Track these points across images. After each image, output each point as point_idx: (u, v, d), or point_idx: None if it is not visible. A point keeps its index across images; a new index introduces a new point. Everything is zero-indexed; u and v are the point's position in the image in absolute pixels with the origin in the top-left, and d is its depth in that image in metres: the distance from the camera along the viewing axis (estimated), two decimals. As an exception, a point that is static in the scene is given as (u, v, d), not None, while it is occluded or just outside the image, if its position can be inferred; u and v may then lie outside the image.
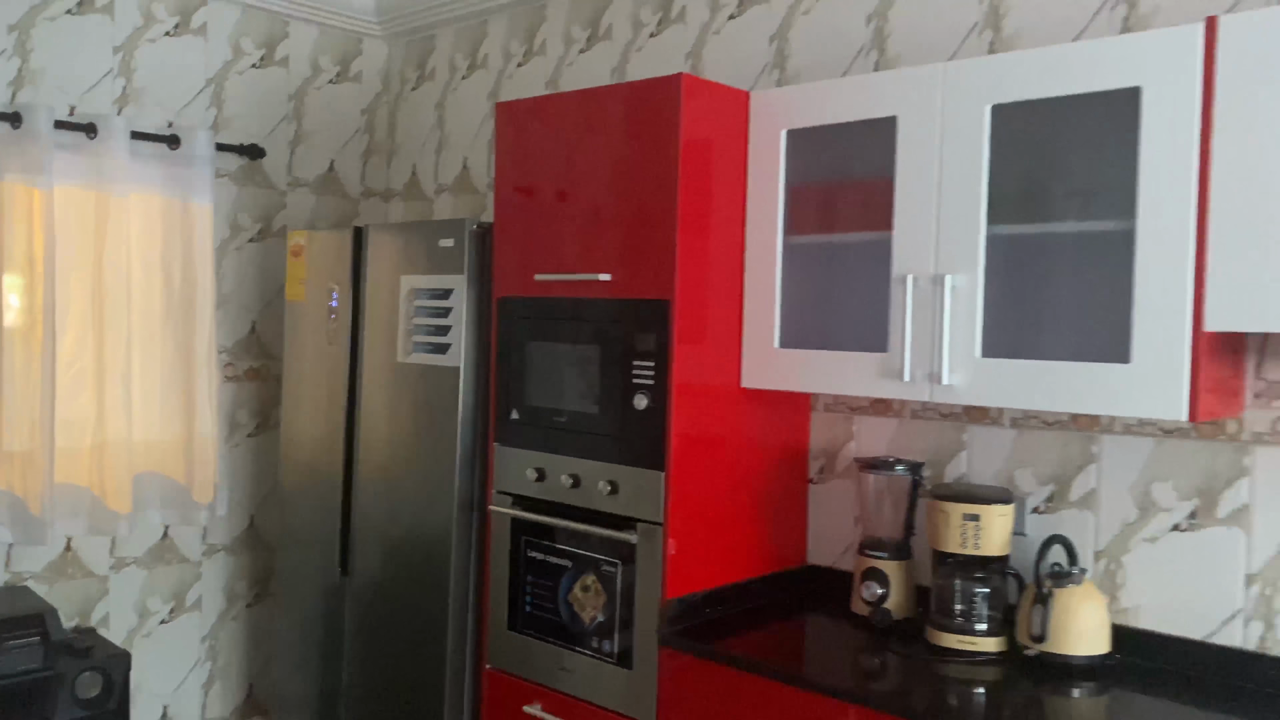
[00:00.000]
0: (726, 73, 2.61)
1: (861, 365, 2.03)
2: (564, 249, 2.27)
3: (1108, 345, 1.77)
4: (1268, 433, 1.84)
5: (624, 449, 2.15)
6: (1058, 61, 1.78)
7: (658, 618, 2.08)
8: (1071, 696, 1.78)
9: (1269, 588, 1.83)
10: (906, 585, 2.16)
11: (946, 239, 1.90)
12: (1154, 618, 1.95)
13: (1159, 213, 1.68)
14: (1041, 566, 1.96)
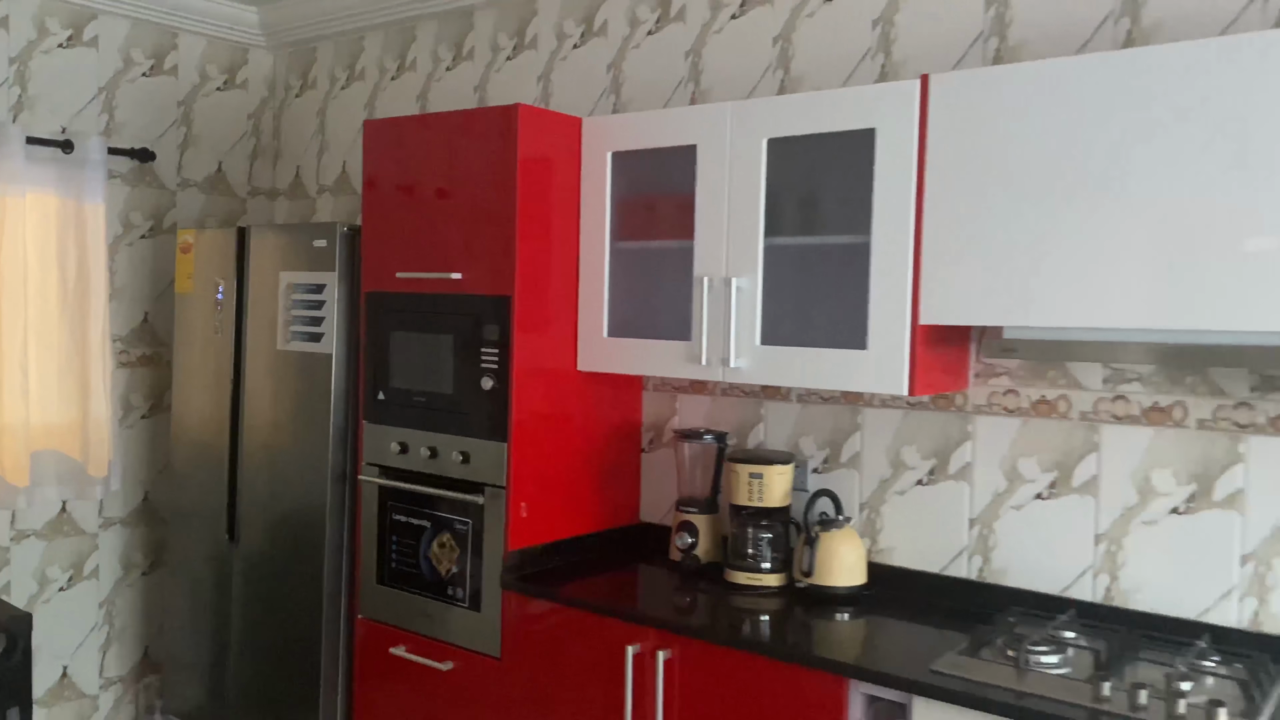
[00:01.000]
0: (571, 96, 2.97)
1: (671, 351, 2.42)
2: (422, 251, 2.61)
3: (851, 335, 2.19)
4: (985, 404, 2.29)
5: (473, 424, 2.51)
6: (817, 105, 2.19)
7: (501, 567, 2.46)
8: (834, 619, 2.21)
9: (985, 529, 2.28)
10: (713, 535, 2.57)
11: (734, 247, 2.30)
12: (903, 556, 2.40)
13: (887, 230, 2.10)
14: (810, 515, 2.39)
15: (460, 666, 2.54)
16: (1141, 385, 2.11)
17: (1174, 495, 2.07)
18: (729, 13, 2.67)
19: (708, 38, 2.71)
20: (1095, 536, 2.16)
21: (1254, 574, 1.98)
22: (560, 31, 3.01)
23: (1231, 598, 2.01)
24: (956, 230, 2.03)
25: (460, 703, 2.54)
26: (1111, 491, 2.14)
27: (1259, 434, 1.98)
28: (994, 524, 2.28)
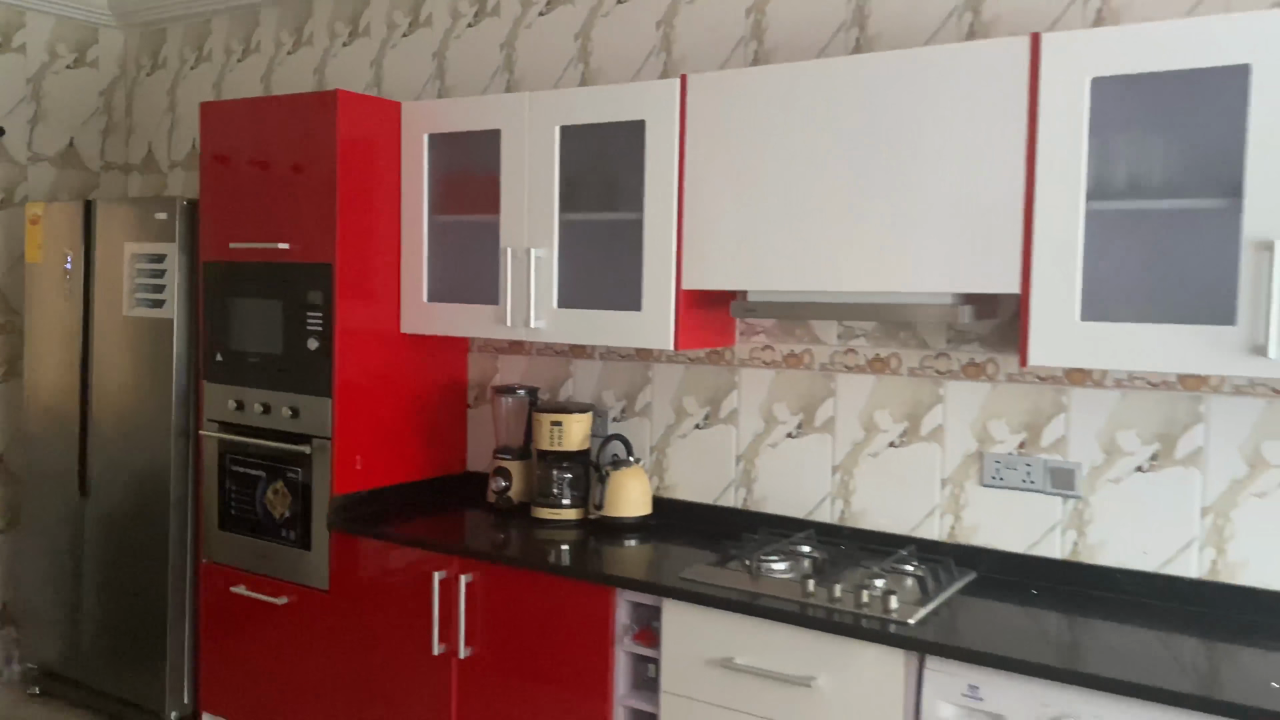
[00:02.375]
0: (401, 81, 3.23)
1: (482, 314, 2.72)
2: (254, 223, 2.84)
3: (629, 298, 2.52)
4: (748, 359, 2.66)
5: (301, 382, 2.77)
6: (598, 97, 2.50)
7: (328, 510, 2.73)
8: (622, 545, 2.54)
9: (748, 465, 2.65)
10: (526, 479, 2.88)
11: (533, 222, 2.61)
12: (684, 490, 2.76)
13: (656, 208, 2.43)
14: (603, 457, 2.73)
15: (294, 601, 2.81)
16: (866, 340, 2.49)
17: (891, 431, 2.46)
18: (537, 10, 2.96)
19: (519, 31, 2.99)
20: (832, 468, 2.54)
21: (950, 495, 2.39)
22: (390, 21, 3.25)
23: (934, 515, 2.41)
24: (709, 210, 2.37)
25: (295, 633, 2.82)
26: (845, 430, 2.53)
27: (953, 379, 2.38)
28: (755, 460, 2.65)
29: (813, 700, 2.04)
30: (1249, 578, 2.08)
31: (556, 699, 2.37)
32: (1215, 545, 2.12)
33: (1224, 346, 1.84)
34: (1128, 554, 2.20)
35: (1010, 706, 1.84)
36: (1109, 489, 2.22)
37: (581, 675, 2.34)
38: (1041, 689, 1.82)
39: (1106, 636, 1.96)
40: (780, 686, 2.08)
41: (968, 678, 1.89)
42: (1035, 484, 2.29)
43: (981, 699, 1.87)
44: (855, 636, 1.98)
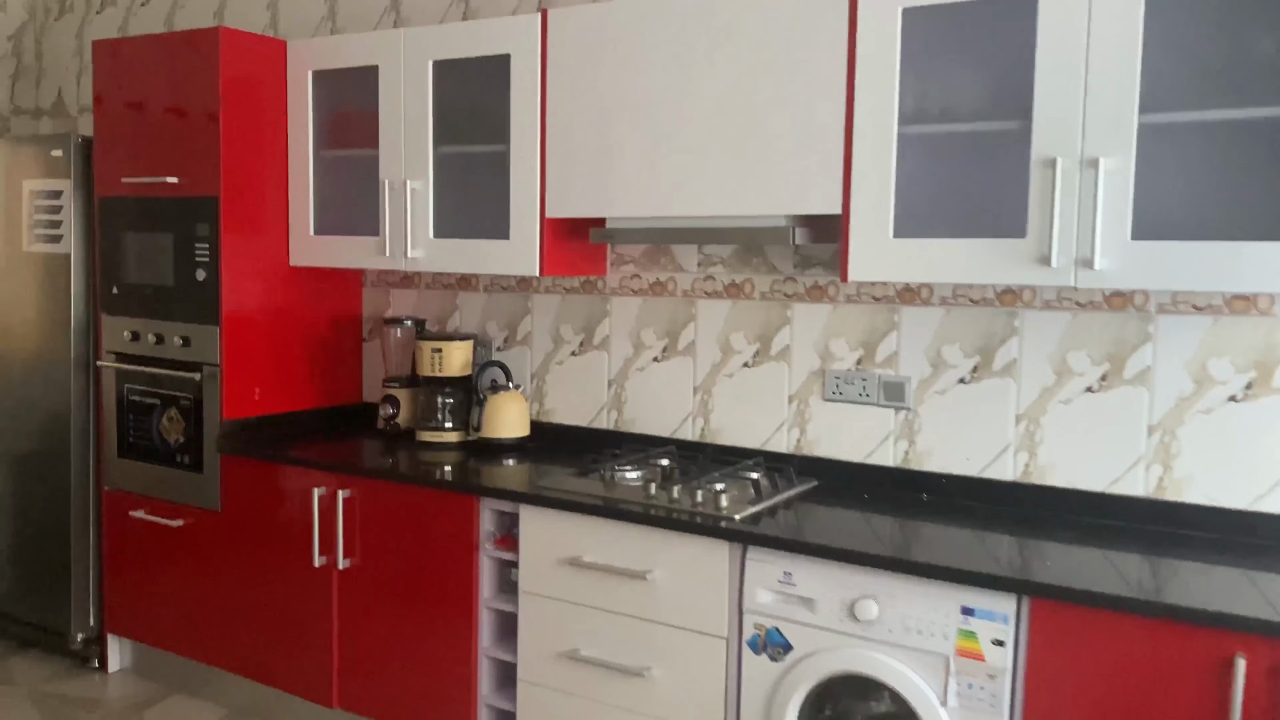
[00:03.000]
0: (297, 20, 3.30)
1: (364, 246, 2.83)
2: (144, 158, 2.93)
3: (499, 227, 2.64)
4: (618, 287, 2.79)
5: (191, 311, 2.87)
6: (468, 32, 2.61)
7: (218, 434, 2.84)
8: (500, 464, 2.68)
9: (619, 388, 2.79)
10: (413, 406, 3.00)
11: (410, 155, 2.71)
12: (562, 414, 2.90)
13: (521, 139, 2.55)
14: (482, 382, 2.86)
15: (190, 522, 2.93)
16: (723, 268, 2.63)
17: (745, 353, 2.61)
18: (422, -48, 3.05)
19: (406, -27, 3.09)
20: (693, 389, 2.69)
21: (796, 410, 2.54)
22: (285, -36, 3.33)
23: (782, 430, 2.57)
24: (569, 140, 2.49)
25: (191, 553, 2.94)
26: (704, 352, 2.67)
27: (800, 301, 2.53)
28: (625, 384, 2.79)
29: (650, 591, 2.19)
30: (1057, 478, 2.25)
31: (428, 603, 2.51)
32: (1028, 450, 2.28)
33: (1015, 258, 1.99)
34: (952, 460, 2.37)
35: (818, 590, 2.00)
36: (935, 400, 2.38)
37: (449, 580, 2.48)
38: (844, 573, 1.98)
39: (924, 532, 2.12)
40: (622, 580, 2.23)
41: (783, 565, 2.05)
42: (870, 397, 2.44)
43: (794, 584, 2.03)
44: (686, 531, 2.13)
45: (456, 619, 2.48)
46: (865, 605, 1.94)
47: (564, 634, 2.32)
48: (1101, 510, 2.21)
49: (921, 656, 1.90)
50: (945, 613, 1.88)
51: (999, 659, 1.83)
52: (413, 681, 2.56)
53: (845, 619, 1.97)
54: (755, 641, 2.08)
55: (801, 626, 2.02)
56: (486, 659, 2.48)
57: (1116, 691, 1.75)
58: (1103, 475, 2.21)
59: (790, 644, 2.04)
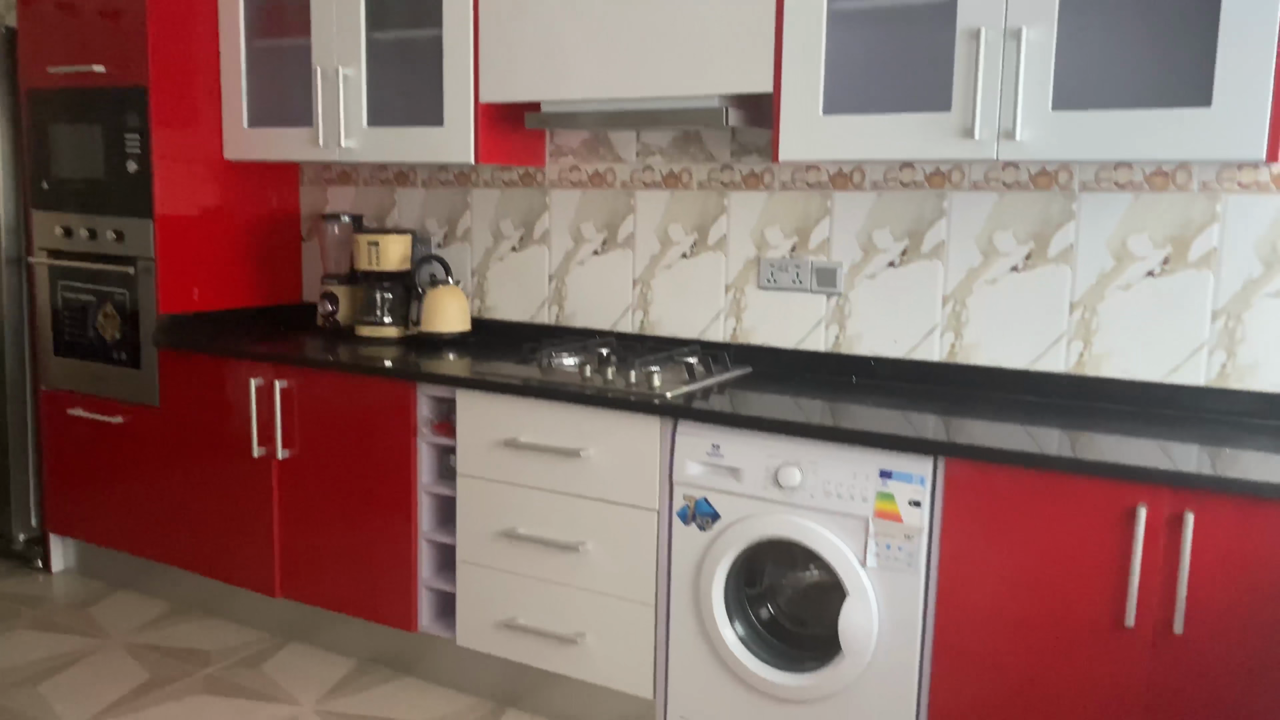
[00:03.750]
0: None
1: (299, 137, 2.79)
2: (70, 47, 2.85)
3: (433, 114, 2.61)
4: (557, 180, 2.78)
5: (123, 205, 2.82)
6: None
7: (155, 329, 2.82)
8: (441, 357, 2.68)
9: (560, 283, 2.80)
10: (353, 303, 3.00)
11: (341, 41, 2.67)
12: (503, 310, 2.91)
13: (454, 23, 2.51)
14: (420, 277, 2.85)
15: (129, 419, 2.92)
16: (661, 157, 2.63)
17: (683, 244, 2.63)
18: None
19: None
20: (633, 281, 2.71)
21: (733, 299, 2.57)
22: None
23: (719, 319, 2.60)
24: (503, 24, 2.46)
25: (131, 450, 2.93)
26: (643, 245, 2.68)
27: (736, 190, 2.54)
28: (566, 278, 2.80)
29: (583, 468, 2.23)
30: (982, 357, 2.31)
31: (368, 490, 2.54)
32: (954, 330, 2.33)
33: (940, 131, 2.01)
34: (881, 343, 2.41)
35: (744, 460, 2.04)
36: (866, 285, 2.42)
37: (388, 467, 2.50)
38: (769, 443, 2.02)
39: (850, 410, 2.17)
40: (557, 459, 2.26)
41: (711, 438, 2.09)
42: (803, 284, 2.47)
43: (722, 455, 2.07)
44: (619, 408, 2.17)
45: (396, 505, 2.51)
46: (788, 472, 1.99)
47: (501, 514, 2.36)
48: (1025, 387, 2.26)
49: (842, 520, 1.96)
50: (865, 476, 1.93)
51: (915, 519, 1.89)
52: (354, 568, 2.59)
53: (770, 486, 2.02)
54: (685, 512, 2.12)
55: (728, 495, 2.07)
56: (426, 543, 2.51)
57: (1027, 546, 1.82)
58: (1026, 353, 2.26)
59: (718, 513, 2.08)
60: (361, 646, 2.70)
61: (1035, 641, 1.83)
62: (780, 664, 2.06)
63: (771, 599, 2.16)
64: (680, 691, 2.18)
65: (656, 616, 2.19)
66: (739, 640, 2.09)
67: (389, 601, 2.54)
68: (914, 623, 1.91)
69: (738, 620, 2.10)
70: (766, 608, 2.16)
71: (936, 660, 1.91)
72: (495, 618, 2.39)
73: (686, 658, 2.15)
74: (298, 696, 2.49)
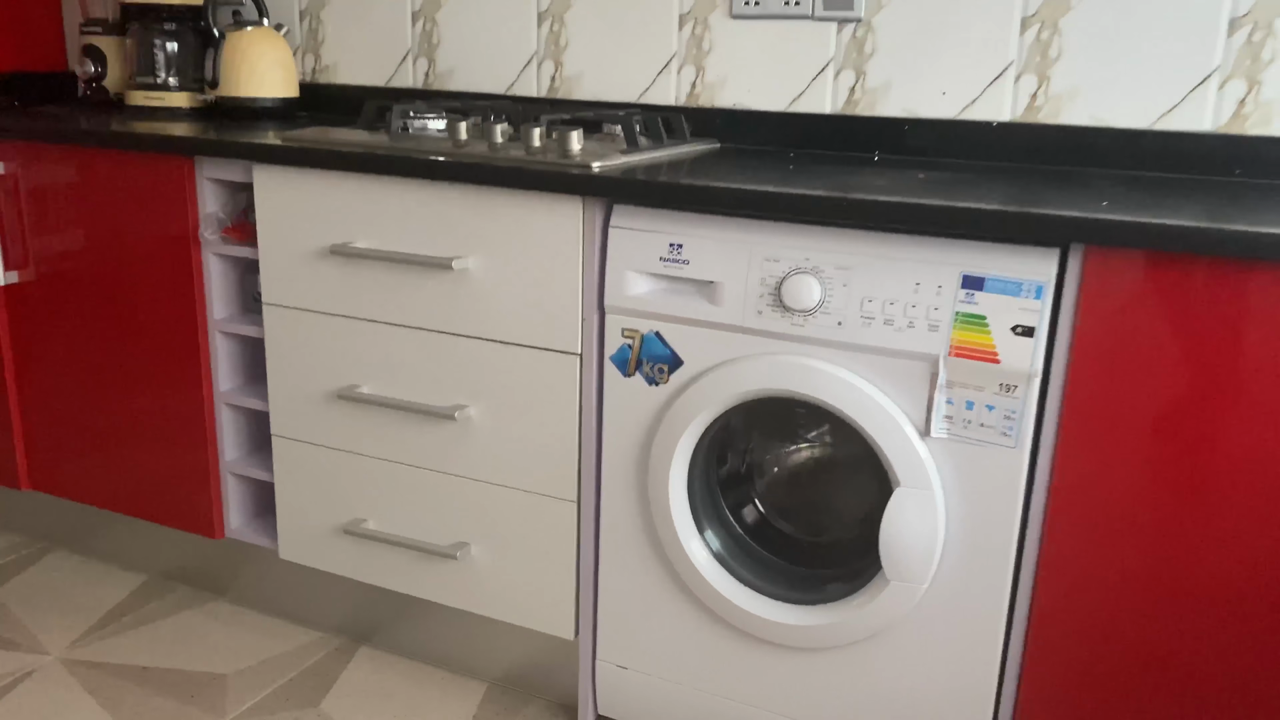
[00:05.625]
0: None
1: None
2: None
3: None
4: None
5: None
6: None
7: None
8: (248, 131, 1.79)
9: (430, 25, 1.89)
10: (123, 60, 2.04)
11: None
12: (346, 71, 1.97)
13: None
14: (217, 16, 1.91)
15: None
16: None
17: (614, -50, 1.74)
18: None
19: None
20: (538, 16, 1.79)
21: (691, 37, 1.70)
22: None
23: (670, 71, 1.72)
24: None
25: None
26: (552, -45, 1.79)
27: None
28: (437, 16, 1.87)
29: (459, 289, 1.39)
30: (1076, 113, 1.50)
31: (137, 329, 1.66)
32: (1037, 72, 1.52)
33: None
34: (920, 97, 1.59)
35: (724, 265, 1.22)
36: (899, 7, 1.58)
37: (163, 294, 1.62)
38: (767, 236, 1.20)
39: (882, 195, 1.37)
40: (415, 275, 1.42)
41: (668, 232, 1.27)
42: (802, 6, 1.63)
43: (686, 261, 1.26)
44: (514, 186, 1.32)
45: (178, 353, 1.65)
46: (800, 286, 1.19)
47: (333, 363, 1.52)
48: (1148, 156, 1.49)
49: (891, 364, 1.18)
50: (935, 288, 1.13)
51: (1022, 357, 1.11)
52: (127, 447, 1.75)
53: (768, 309, 1.22)
54: (624, 356, 1.33)
55: (696, 327, 1.27)
56: (227, 408, 1.67)
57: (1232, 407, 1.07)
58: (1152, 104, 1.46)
59: (678, 356, 1.29)
60: (150, 557, 1.88)
61: (1218, 568, 1.11)
62: (778, 592, 1.30)
63: (760, 492, 1.41)
64: (616, 630, 1.41)
65: (580, 519, 1.41)
66: (712, 558, 1.33)
67: (179, 495, 1.71)
68: (1006, 530, 1.15)
69: (709, 526, 1.34)
70: (754, 506, 1.40)
71: (1041, 590, 1.16)
72: (332, 520, 1.59)
73: (626, 581, 1.38)
74: (39, 635, 1.66)
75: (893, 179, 1.33)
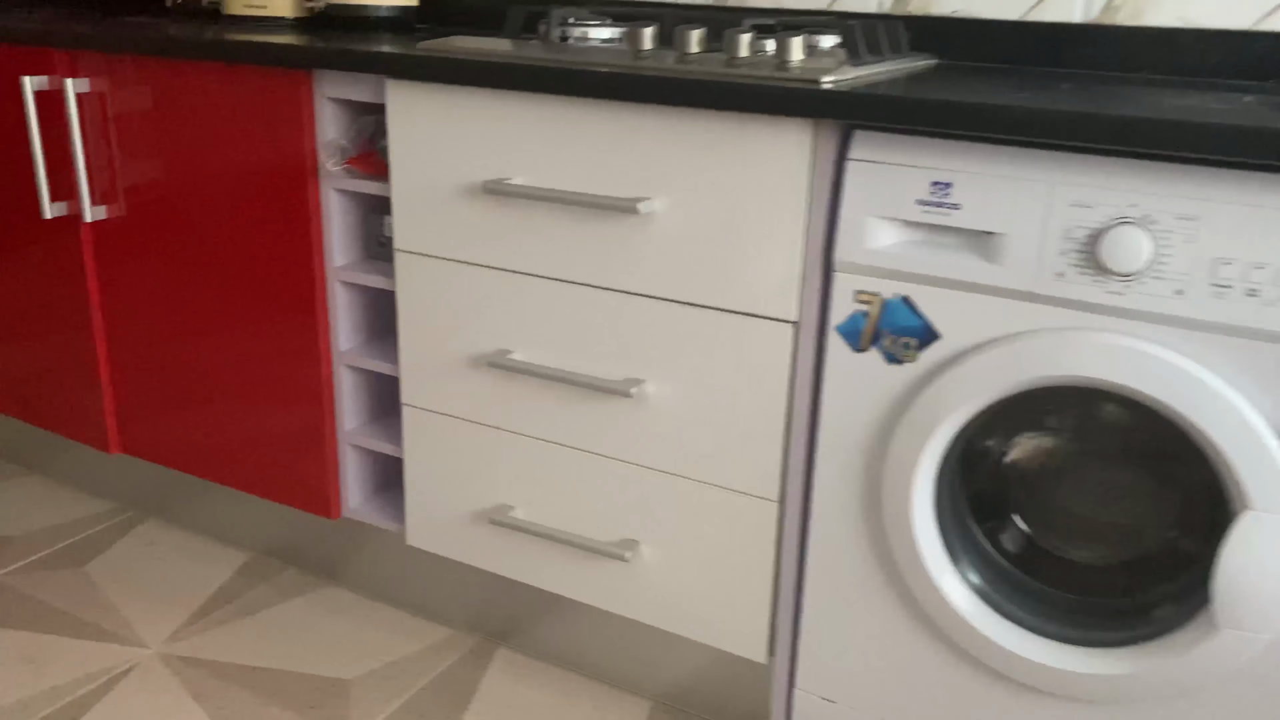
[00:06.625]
0: None
1: None
2: None
3: None
4: None
5: None
6: None
7: None
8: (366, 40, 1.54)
9: (578, -79, 1.62)
10: (222, -32, 1.80)
11: None
12: (474, -24, 1.73)
13: None
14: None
15: None
16: None
17: None
18: None
19: None
20: (709, -95, 1.53)
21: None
22: None
23: (873, -30, 1.45)
24: None
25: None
26: None
27: None
28: (584, -91, 1.61)
29: (640, 235, 1.14)
30: None
31: (243, 276, 1.43)
32: (1368, -27, 1.21)
33: None
34: (1201, 7, 1.29)
35: (1013, 210, 0.95)
36: (1189, -117, 1.26)
37: (275, 231, 1.38)
38: (1074, 174, 0.92)
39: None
40: (587, 220, 1.17)
41: (930, 168, 1.00)
42: (1057, -114, 1.32)
43: (956, 205, 0.98)
44: (720, 107, 1.05)
45: (291, 305, 1.42)
46: (1123, 240, 0.90)
47: (480, 323, 1.27)
48: None
49: (1249, 349, 0.87)
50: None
51: None
52: (227, 413, 1.53)
53: (1072, 270, 0.93)
54: (856, 327, 1.06)
55: (963, 292, 0.99)
56: (347, 370, 1.45)
57: None
58: None
59: (932, 328, 1.02)
60: (253, 532, 1.67)
61: None
62: (1052, 631, 1.02)
63: (1020, 504, 1.13)
64: (821, 657, 1.15)
65: (782, 523, 1.15)
66: (971, 592, 1.04)
67: (290, 468, 1.49)
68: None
69: (959, 544, 1.07)
70: (1015, 522, 1.13)
71: None
72: (471, 505, 1.36)
73: (840, 601, 1.12)
74: (136, 625, 1.47)
75: (1214, 101, 1.03)
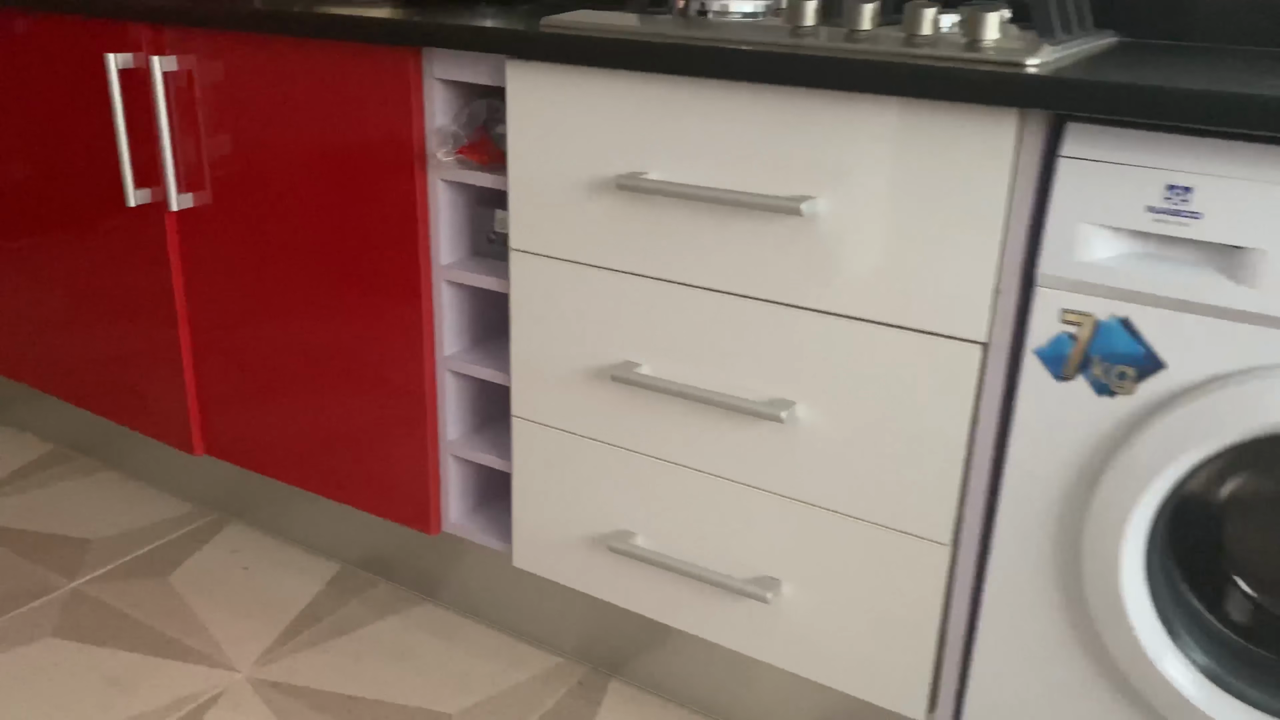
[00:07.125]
0: None
1: None
2: None
3: None
4: None
5: None
6: None
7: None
8: (474, 14, 1.41)
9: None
10: (314, -63, 1.68)
11: None
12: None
13: None
14: None
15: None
16: None
17: None
18: None
19: None
20: None
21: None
22: None
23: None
24: None
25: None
26: None
27: None
28: None
29: (802, 239, 1.00)
30: None
31: (340, 271, 1.32)
32: None
33: None
34: None
35: (1263, 225, 0.82)
36: None
37: (374, 226, 1.27)
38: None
39: None
40: (737, 219, 1.04)
41: (1164, 170, 0.85)
42: None
43: (1195, 212, 0.83)
44: (906, 93, 0.91)
45: (392, 304, 1.31)
46: None
47: (604, 332, 1.15)
48: None
49: None
50: None
51: None
52: (320, 418, 1.43)
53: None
54: (1061, 352, 0.91)
55: (1199, 315, 0.83)
56: (451, 376, 1.34)
57: None
58: None
59: (1157, 356, 0.87)
60: (344, 541, 1.58)
61: None
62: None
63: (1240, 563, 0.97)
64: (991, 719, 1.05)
65: (953, 571, 1.01)
66: (1193, 669, 0.89)
67: (387, 478, 1.39)
68: None
69: (1175, 616, 0.92)
70: (1239, 585, 0.98)
71: None
72: (586, 529, 1.24)
73: (1019, 661, 0.97)
74: (224, 643, 1.38)
75: None
